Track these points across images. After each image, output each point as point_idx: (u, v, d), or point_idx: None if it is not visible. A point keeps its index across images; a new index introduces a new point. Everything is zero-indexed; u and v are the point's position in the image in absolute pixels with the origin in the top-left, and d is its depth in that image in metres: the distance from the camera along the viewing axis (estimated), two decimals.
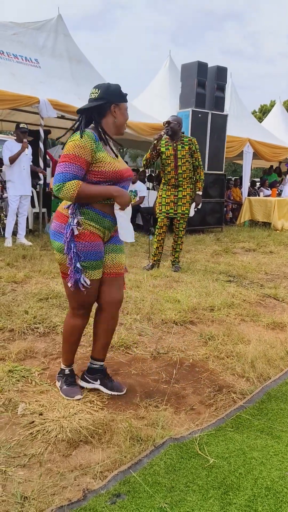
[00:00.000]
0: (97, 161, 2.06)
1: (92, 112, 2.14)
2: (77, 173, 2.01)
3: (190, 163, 5.10)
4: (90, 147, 2.03)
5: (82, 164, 2.02)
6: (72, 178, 1.99)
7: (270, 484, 1.67)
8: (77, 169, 2.00)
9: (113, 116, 2.15)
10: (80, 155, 2.01)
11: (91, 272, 2.14)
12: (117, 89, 2.16)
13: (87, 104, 2.16)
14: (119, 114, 2.16)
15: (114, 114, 2.15)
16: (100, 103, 2.11)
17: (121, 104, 2.16)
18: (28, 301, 3.73)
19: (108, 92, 2.12)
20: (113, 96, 2.13)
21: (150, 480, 1.68)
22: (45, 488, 1.63)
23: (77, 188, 1.99)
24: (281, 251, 7.03)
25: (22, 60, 7.76)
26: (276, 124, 14.01)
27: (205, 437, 1.96)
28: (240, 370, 2.66)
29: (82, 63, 8.91)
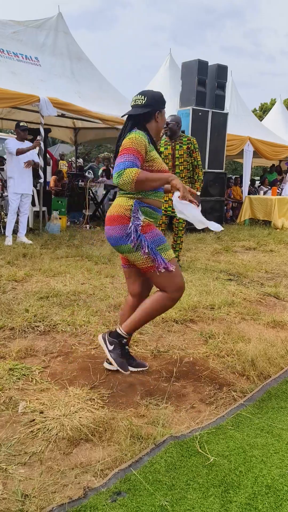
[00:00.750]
0: (150, 159, 2.26)
1: (140, 117, 2.32)
2: (135, 161, 2.16)
3: (188, 162, 5.08)
4: (145, 144, 2.22)
5: (138, 155, 2.18)
6: (131, 165, 2.15)
7: (270, 482, 1.67)
8: (135, 159, 2.17)
9: (156, 121, 2.34)
10: (138, 149, 2.18)
11: (167, 253, 2.31)
12: (161, 97, 2.36)
13: (134, 109, 2.33)
14: (161, 119, 2.36)
15: (157, 119, 2.34)
16: (148, 110, 2.30)
17: (163, 110, 2.36)
18: (28, 300, 3.73)
19: (154, 100, 2.32)
20: (158, 103, 2.33)
21: (151, 478, 1.68)
22: (45, 486, 1.63)
23: (137, 173, 2.13)
24: (282, 250, 7.03)
25: (22, 58, 7.75)
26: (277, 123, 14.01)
27: (206, 435, 1.96)
28: (241, 368, 2.66)
29: (83, 61, 8.90)
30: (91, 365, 2.65)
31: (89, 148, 26.57)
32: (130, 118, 2.35)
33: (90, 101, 8.09)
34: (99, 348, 2.89)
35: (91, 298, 3.90)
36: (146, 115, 2.32)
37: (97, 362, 2.69)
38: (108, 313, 3.53)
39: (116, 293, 4.09)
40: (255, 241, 7.69)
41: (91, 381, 2.45)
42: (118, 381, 2.47)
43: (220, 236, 8.24)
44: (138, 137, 2.21)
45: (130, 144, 2.19)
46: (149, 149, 2.26)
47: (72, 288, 4.13)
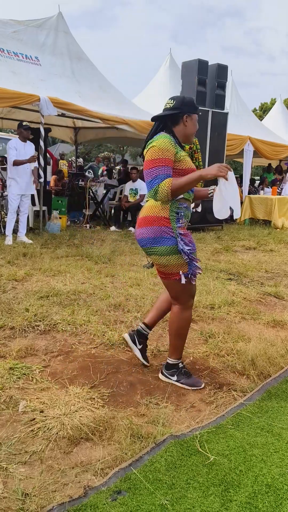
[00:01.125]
0: (179, 160, 2.26)
1: (166, 120, 2.33)
2: (166, 172, 2.19)
3: None
4: (172, 148, 2.23)
5: (169, 164, 2.21)
6: (163, 178, 2.17)
7: (270, 481, 1.67)
8: (166, 170, 2.19)
9: (185, 125, 2.33)
10: (166, 157, 2.20)
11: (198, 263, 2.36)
12: (191, 101, 2.35)
13: (162, 112, 2.35)
14: (191, 124, 2.34)
15: (186, 123, 2.33)
16: (174, 112, 2.31)
17: (193, 115, 2.35)
18: (28, 299, 3.73)
19: (183, 103, 2.32)
20: (187, 107, 2.32)
21: (151, 477, 1.68)
22: (46, 485, 1.63)
23: (170, 184, 2.16)
24: (282, 250, 7.03)
25: (22, 58, 7.75)
26: (277, 122, 14.00)
27: (206, 435, 1.96)
28: (241, 368, 2.66)
29: (83, 61, 8.89)
30: (91, 364, 2.65)
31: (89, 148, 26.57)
32: (157, 120, 2.37)
33: (90, 100, 8.08)
34: (99, 347, 2.90)
35: (91, 298, 3.90)
36: (173, 117, 2.32)
37: (97, 361, 2.69)
38: (108, 313, 3.53)
39: (116, 292, 4.09)
40: (255, 241, 7.69)
41: (91, 380, 2.45)
42: (118, 380, 2.47)
43: (220, 236, 8.25)
44: (162, 143, 2.21)
45: (158, 153, 2.20)
46: (177, 150, 2.26)
47: (72, 287, 4.13)
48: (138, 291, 4.15)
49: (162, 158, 2.19)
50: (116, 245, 6.77)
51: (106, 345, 2.92)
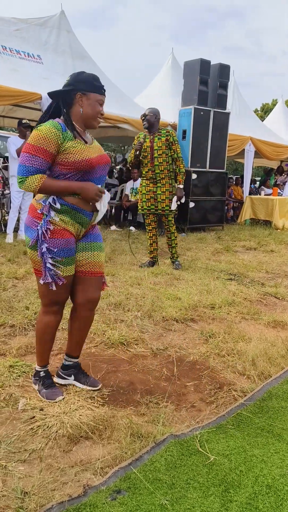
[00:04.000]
0: (65, 151, 1.96)
1: (58, 98, 2.05)
2: (40, 166, 1.93)
3: (167, 155, 5.01)
4: (54, 138, 1.93)
5: (46, 156, 1.93)
6: (35, 172, 1.92)
7: (271, 482, 1.66)
8: (40, 162, 1.92)
9: (80, 106, 2.02)
10: (44, 147, 1.91)
11: (64, 268, 2.06)
12: (89, 77, 2.02)
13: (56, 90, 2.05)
14: (86, 104, 2.02)
15: (81, 103, 2.02)
16: (65, 89, 2.01)
17: (90, 94, 2.01)
18: (29, 297, 3.72)
19: (77, 79, 2.01)
20: (81, 84, 2.00)
21: (151, 477, 1.67)
22: (45, 484, 1.63)
23: (40, 182, 1.93)
24: (282, 250, 7.02)
25: (24, 56, 7.73)
26: (278, 123, 13.99)
27: (206, 434, 1.95)
28: (241, 368, 2.65)
29: (85, 59, 8.88)
30: (91, 363, 2.64)
31: None
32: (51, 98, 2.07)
33: None
34: (99, 346, 2.89)
35: None
36: (65, 95, 2.03)
37: (97, 360, 2.68)
38: (108, 311, 3.52)
39: (117, 291, 4.08)
40: (256, 241, 7.68)
41: None
42: (118, 379, 2.46)
43: (221, 236, 8.24)
44: (46, 131, 1.92)
45: (36, 140, 1.91)
46: (63, 139, 1.95)
47: None
48: (138, 290, 4.14)
49: (38, 147, 1.91)
50: (117, 244, 6.76)
51: (106, 344, 2.91)
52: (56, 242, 2.03)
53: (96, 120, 2.06)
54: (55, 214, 2.02)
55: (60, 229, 2.03)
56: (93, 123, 2.07)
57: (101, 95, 2.05)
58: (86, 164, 1.99)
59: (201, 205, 8.84)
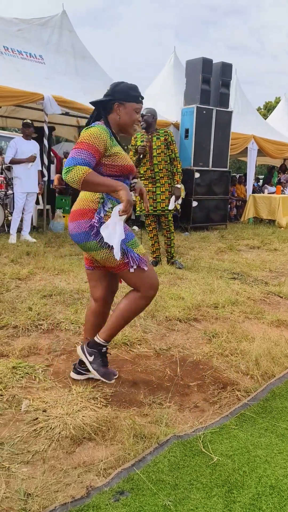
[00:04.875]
0: (112, 154, 2.09)
1: (99, 107, 2.18)
2: (88, 159, 1.99)
3: (166, 154, 5.03)
4: (104, 138, 2.04)
5: (95, 152, 2.01)
6: (82, 163, 1.96)
7: (274, 483, 1.66)
8: (89, 156, 1.99)
9: (117, 114, 2.15)
10: (94, 144, 2.01)
11: (138, 248, 2.17)
12: (125, 87, 2.14)
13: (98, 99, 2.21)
14: (124, 113, 2.14)
15: (118, 112, 2.15)
16: (104, 99, 2.15)
17: (127, 103, 2.14)
18: (32, 298, 3.73)
19: (114, 90, 2.14)
20: (118, 94, 2.13)
21: (154, 478, 1.67)
22: (48, 485, 1.63)
23: (85, 173, 1.95)
24: (286, 249, 7.00)
25: (26, 56, 7.75)
26: (281, 121, 13.92)
27: (209, 435, 1.95)
28: (244, 367, 2.65)
29: (87, 59, 8.88)
30: None
31: None
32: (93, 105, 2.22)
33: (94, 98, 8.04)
34: None
35: None
36: (104, 104, 2.16)
37: None
38: (111, 311, 3.51)
39: (120, 291, 4.08)
40: (259, 240, 7.66)
41: (94, 379, 2.44)
42: (121, 380, 2.46)
43: (224, 235, 8.22)
44: (96, 130, 2.04)
45: (87, 138, 2.02)
46: (111, 143, 2.09)
47: (75, 286, 4.12)
48: None
49: (89, 144, 2.00)
50: None
51: (109, 345, 2.90)
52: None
53: (132, 128, 2.19)
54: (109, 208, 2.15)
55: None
56: (129, 131, 2.20)
57: (137, 103, 2.16)
58: (128, 169, 2.15)
59: (204, 204, 8.83)
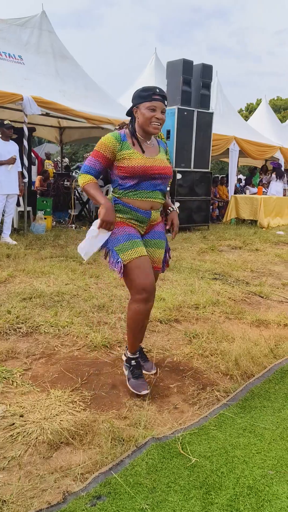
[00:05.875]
0: (121, 158, 2.23)
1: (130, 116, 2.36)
2: (94, 166, 2.25)
3: None
4: (111, 145, 2.23)
5: (101, 159, 2.25)
6: (88, 170, 2.25)
7: (252, 483, 1.66)
8: (95, 163, 2.25)
9: (137, 117, 2.29)
10: (100, 151, 2.24)
11: (127, 253, 2.23)
12: (137, 91, 2.28)
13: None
14: (140, 114, 2.27)
15: (136, 115, 2.29)
16: (128, 109, 2.33)
17: (140, 105, 2.26)
18: (11, 301, 3.68)
19: (132, 98, 2.30)
20: (133, 100, 2.29)
21: (132, 481, 1.65)
22: (24, 491, 1.60)
23: (85, 182, 2.23)
24: (267, 249, 7.07)
25: (5, 56, 7.65)
26: (262, 122, 14.08)
27: (188, 436, 1.94)
28: (224, 368, 2.65)
29: (67, 60, 8.83)
30: (74, 366, 2.62)
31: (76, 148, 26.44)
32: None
33: (74, 100, 8.03)
34: (82, 349, 2.86)
35: (75, 299, 3.86)
36: (129, 113, 2.35)
37: (80, 364, 2.65)
38: (92, 314, 3.49)
39: (101, 293, 4.05)
40: (241, 240, 7.72)
41: (73, 382, 2.42)
42: (101, 383, 2.44)
43: (206, 236, 8.26)
44: (105, 139, 2.25)
45: (97, 146, 2.26)
46: (120, 148, 2.24)
47: (55, 289, 4.08)
48: (122, 291, 4.12)
49: (97, 151, 2.24)
50: None
51: (89, 347, 2.88)
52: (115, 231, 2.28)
53: (150, 126, 2.25)
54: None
55: (119, 221, 2.31)
56: (148, 129, 2.27)
57: (150, 101, 2.23)
58: (140, 170, 2.23)
59: (186, 205, 8.86)
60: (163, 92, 2.26)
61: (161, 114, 2.26)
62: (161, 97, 2.24)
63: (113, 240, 2.27)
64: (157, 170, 2.27)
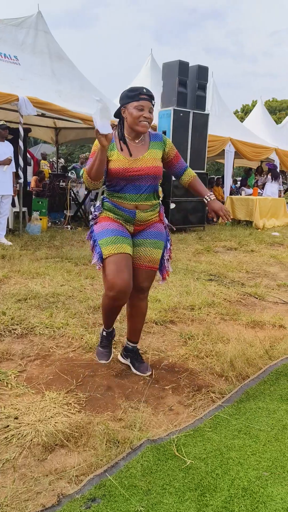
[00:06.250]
0: (110, 158, 2.29)
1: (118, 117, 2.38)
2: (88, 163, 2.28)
3: None
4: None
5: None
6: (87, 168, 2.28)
7: (247, 485, 1.66)
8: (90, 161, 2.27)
9: (125, 117, 2.31)
10: (95, 151, 2.24)
11: (108, 247, 2.29)
12: (124, 92, 2.30)
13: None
14: (128, 114, 2.29)
15: (124, 115, 2.31)
16: (116, 110, 2.35)
17: (127, 105, 2.27)
18: (6, 302, 3.66)
19: (120, 99, 2.32)
20: (121, 101, 2.31)
21: (126, 483, 1.65)
22: (18, 494, 1.59)
23: (85, 172, 2.26)
24: (262, 250, 7.08)
25: (1, 57, 7.64)
26: (257, 124, 14.12)
27: (183, 438, 1.94)
28: (219, 369, 2.65)
29: (63, 60, 8.82)
30: (69, 368, 2.61)
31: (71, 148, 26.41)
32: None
33: (70, 100, 8.02)
34: (77, 350, 2.86)
35: (70, 300, 3.85)
36: (116, 114, 2.36)
37: (75, 365, 2.65)
38: (87, 315, 3.48)
39: (96, 294, 4.05)
40: (237, 241, 7.73)
41: (68, 384, 2.41)
42: (96, 384, 2.44)
43: (202, 237, 8.27)
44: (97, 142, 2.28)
45: (93, 147, 2.27)
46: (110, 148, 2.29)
47: (51, 290, 4.07)
48: None
49: (94, 151, 2.25)
50: None
51: (84, 348, 2.88)
52: (99, 226, 2.38)
53: (139, 125, 2.27)
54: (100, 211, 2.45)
55: (104, 217, 2.41)
56: (136, 128, 2.28)
57: (137, 101, 2.24)
58: (119, 172, 2.28)
59: (182, 206, 8.87)
60: (150, 92, 2.29)
61: (149, 113, 2.27)
62: (148, 97, 2.25)
63: (99, 234, 2.35)
64: (140, 171, 2.29)
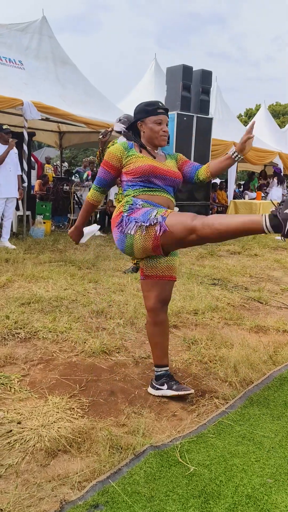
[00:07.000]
0: (129, 161, 2.28)
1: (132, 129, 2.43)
2: (103, 176, 2.34)
3: None
4: (118, 154, 2.29)
5: (110, 168, 2.31)
6: (97, 181, 2.36)
7: (251, 492, 1.65)
8: (104, 172, 2.33)
9: (142, 131, 2.36)
10: (109, 161, 2.30)
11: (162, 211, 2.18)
12: (142, 106, 2.36)
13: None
14: (146, 128, 2.34)
15: (142, 129, 2.36)
16: (132, 123, 2.40)
17: (145, 119, 2.33)
18: (9, 306, 3.67)
19: (135, 112, 2.38)
20: (137, 114, 2.36)
21: (129, 490, 1.64)
22: (21, 500, 1.58)
23: (88, 198, 2.38)
24: (266, 254, 7.07)
25: (6, 61, 7.68)
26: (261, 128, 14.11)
27: (186, 444, 1.93)
28: (223, 374, 2.64)
29: (67, 65, 8.86)
30: (72, 372, 2.60)
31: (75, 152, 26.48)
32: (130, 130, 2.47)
33: (74, 105, 8.05)
34: (80, 355, 2.85)
35: (73, 304, 3.85)
36: (132, 127, 2.40)
37: (78, 370, 2.64)
38: (90, 319, 3.48)
39: (99, 298, 4.05)
40: (240, 245, 7.72)
41: (71, 389, 2.40)
42: (99, 389, 2.43)
43: None
44: (112, 149, 2.31)
45: (106, 156, 2.31)
46: (127, 154, 2.30)
47: (54, 293, 4.07)
48: (121, 297, 4.12)
49: (106, 161, 2.31)
50: (100, 250, 6.73)
51: (87, 353, 2.87)
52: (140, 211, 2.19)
53: (158, 139, 2.33)
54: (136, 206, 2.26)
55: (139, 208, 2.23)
56: (155, 142, 2.35)
57: (156, 115, 2.31)
58: (148, 168, 2.24)
59: (186, 210, 8.85)
60: (165, 106, 2.37)
61: (166, 126, 2.35)
62: (164, 111, 2.34)
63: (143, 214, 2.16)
64: (168, 172, 2.31)
